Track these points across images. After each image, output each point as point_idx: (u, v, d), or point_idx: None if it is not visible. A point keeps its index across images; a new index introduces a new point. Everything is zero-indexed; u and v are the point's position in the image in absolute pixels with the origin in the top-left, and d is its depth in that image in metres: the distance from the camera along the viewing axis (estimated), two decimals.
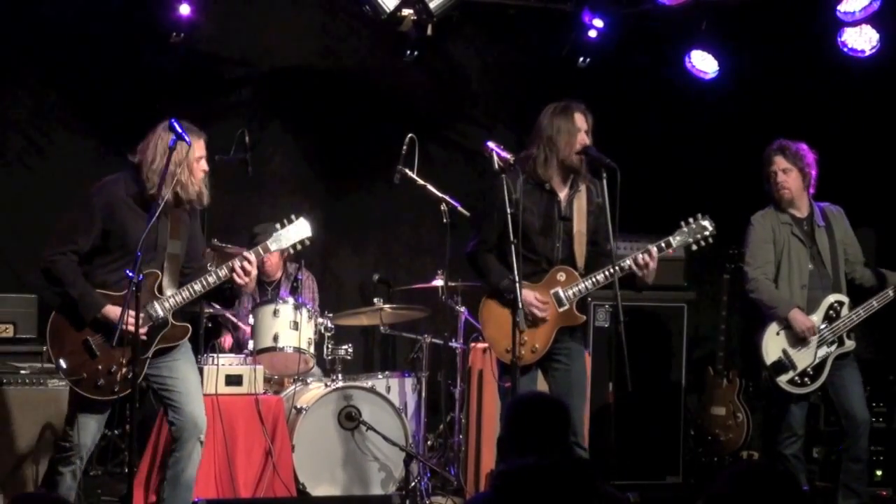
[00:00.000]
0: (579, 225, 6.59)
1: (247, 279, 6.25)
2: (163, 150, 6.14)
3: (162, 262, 6.24)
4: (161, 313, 6.18)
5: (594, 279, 6.49)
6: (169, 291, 6.25)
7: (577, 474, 3.87)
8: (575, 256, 6.59)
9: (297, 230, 6.48)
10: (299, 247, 6.54)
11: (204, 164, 6.32)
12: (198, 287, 6.24)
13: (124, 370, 6.07)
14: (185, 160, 6.18)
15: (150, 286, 6.16)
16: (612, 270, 6.41)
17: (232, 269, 6.21)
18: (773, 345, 7.48)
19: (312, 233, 6.54)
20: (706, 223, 6.64)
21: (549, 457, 3.96)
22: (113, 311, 6.05)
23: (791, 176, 7.50)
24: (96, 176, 6.43)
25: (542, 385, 6.66)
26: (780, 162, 7.50)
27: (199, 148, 6.28)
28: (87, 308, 6.09)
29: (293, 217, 6.50)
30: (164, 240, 6.23)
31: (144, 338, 6.10)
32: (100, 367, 6.10)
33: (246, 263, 6.23)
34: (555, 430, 4.11)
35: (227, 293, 6.49)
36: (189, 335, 6.38)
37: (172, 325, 6.25)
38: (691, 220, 6.64)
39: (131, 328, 5.94)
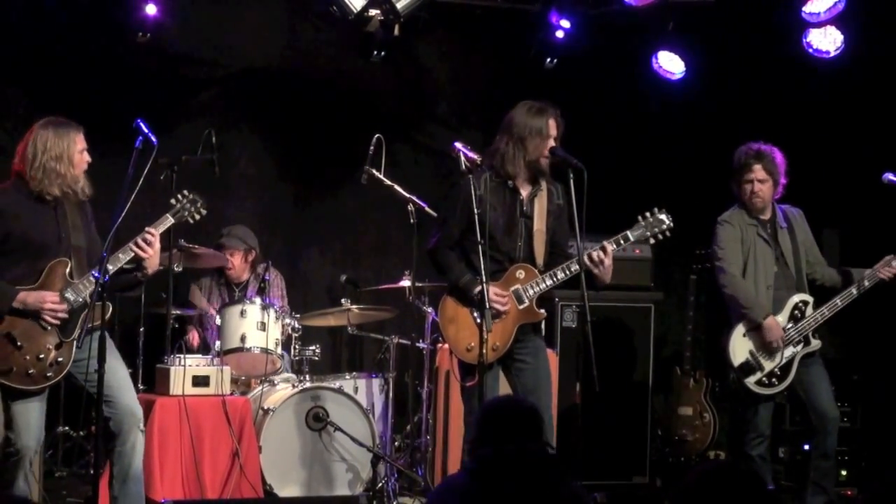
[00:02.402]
0: (539, 224, 6.60)
1: (150, 251, 6.27)
2: (42, 146, 6.22)
3: (68, 253, 6.27)
4: (79, 296, 6.20)
5: (553, 276, 6.51)
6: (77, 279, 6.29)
7: (550, 467, 3.91)
8: (535, 255, 6.60)
9: (192, 202, 6.55)
10: (197, 216, 6.59)
11: (87, 156, 6.38)
12: (109, 266, 6.20)
13: (53, 354, 6.15)
14: (66, 153, 6.25)
15: (62, 272, 6.22)
16: (572, 268, 6.44)
17: (133, 243, 6.25)
18: (739, 346, 7.49)
19: (206, 205, 6.65)
20: (663, 217, 6.65)
21: (526, 446, 4.01)
22: (31, 296, 6.11)
23: (766, 186, 7.51)
24: None
25: (503, 383, 6.66)
26: (758, 171, 7.50)
27: (79, 141, 6.34)
28: (0, 301, 6.13)
29: (185, 192, 6.59)
30: (66, 232, 6.29)
31: (65, 317, 6.16)
32: (27, 356, 6.11)
33: (148, 236, 6.28)
34: (528, 435, 4.13)
35: (132, 278, 6.47)
36: (109, 315, 6.33)
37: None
38: (648, 214, 6.66)
39: (53, 320, 6.13)
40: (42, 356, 6.13)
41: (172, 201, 6.54)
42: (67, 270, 6.24)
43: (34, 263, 6.20)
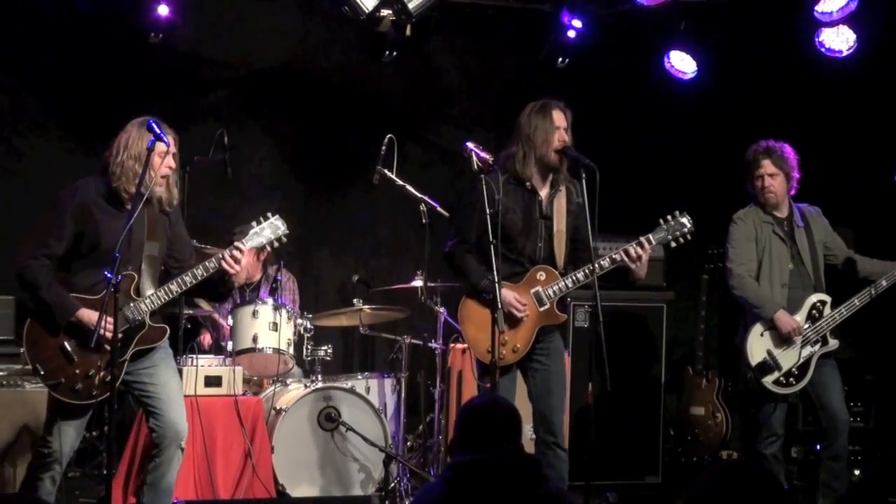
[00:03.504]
0: (559, 224, 6.60)
1: (237, 268, 6.20)
2: (125, 143, 6.11)
3: (139, 264, 6.15)
4: (138, 315, 6.10)
5: (574, 277, 6.50)
6: (147, 293, 6.17)
7: (524, 471, 3.92)
8: (555, 256, 6.60)
9: (273, 227, 6.44)
10: (276, 244, 6.48)
11: (170, 161, 6.18)
12: (174, 288, 6.17)
13: (102, 374, 6.00)
14: (144, 153, 6.08)
15: (127, 288, 6.06)
16: (591, 268, 6.42)
17: (221, 258, 6.16)
18: (757, 346, 7.47)
19: (289, 230, 6.50)
20: (684, 220, 6.66)
21: (498, 452, 4.01)
22: (87, 314, 5.98)
23: (777, 180, 7.50)
24: (76, 179, 6.36)
25: (521, 385, 6.66)
26: (767, 166, 7.50)
27: (161, 143, 6.13)
28: (62, 312, 6.00)
29: (269, 214, 6.46)
30: (140, 240, 6.14)
31: (120, 336, 5.98)
32: (77, 371, 6.02)
33: (236, 252, 6.20)
34: (503, 438, 4.13)
35: (217, 287, 6.38)
36: (167, 336, 6.30)
37: (150, 326, 6.16)
38: (670, 217, 6.66)
39: (109, 333, 5.89)
40: (91, 374, 6.03)
41: (252, 223, 6.44)
42: (133, 285, 6.13)
43: (102, 271, 5.90)
